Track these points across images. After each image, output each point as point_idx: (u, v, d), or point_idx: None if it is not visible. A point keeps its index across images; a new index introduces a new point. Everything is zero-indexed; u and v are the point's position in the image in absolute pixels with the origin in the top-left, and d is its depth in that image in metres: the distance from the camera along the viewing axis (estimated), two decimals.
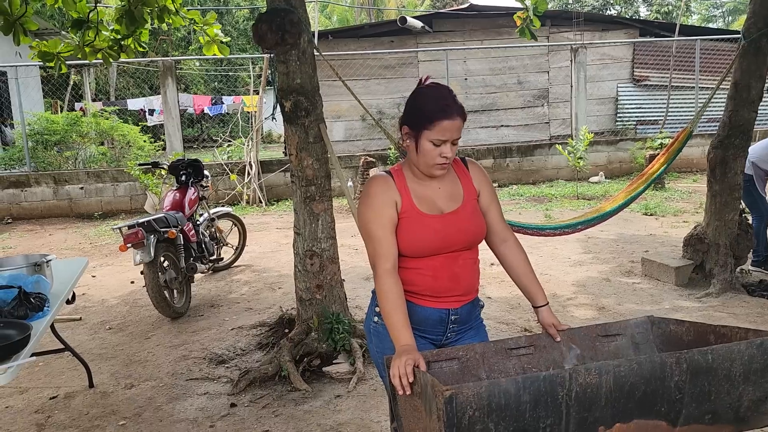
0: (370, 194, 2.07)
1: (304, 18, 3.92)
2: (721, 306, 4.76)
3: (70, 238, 8.64)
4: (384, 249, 2.02)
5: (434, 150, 1.98)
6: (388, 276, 1.99)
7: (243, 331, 4.68)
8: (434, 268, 2.06)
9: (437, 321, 2.11)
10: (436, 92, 2.01)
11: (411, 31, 12.36)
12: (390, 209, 2.04)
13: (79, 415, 3.50)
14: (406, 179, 2.10)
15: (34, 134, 10.67)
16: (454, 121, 1.96)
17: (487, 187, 2.19)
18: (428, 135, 1.97)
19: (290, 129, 3.97)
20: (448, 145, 1.99)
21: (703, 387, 1.65)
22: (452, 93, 2.02)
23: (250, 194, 10.61)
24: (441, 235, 2.04)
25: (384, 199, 2.05)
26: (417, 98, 2.04)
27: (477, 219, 2.12)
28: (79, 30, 4.84)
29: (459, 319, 2.14)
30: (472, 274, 2.14)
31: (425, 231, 2.04)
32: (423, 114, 1.98)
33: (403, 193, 2.07)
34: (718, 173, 5.16)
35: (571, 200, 9.75)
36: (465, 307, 2.14)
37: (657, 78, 13.25)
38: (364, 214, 2.07)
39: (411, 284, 2.08)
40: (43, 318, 2.73)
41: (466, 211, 2.10)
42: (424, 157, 2.01)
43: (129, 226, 4.83)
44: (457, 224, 2.07)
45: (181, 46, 23.47)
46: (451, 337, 2.16)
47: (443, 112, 1.95)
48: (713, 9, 34.41)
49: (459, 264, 2.09)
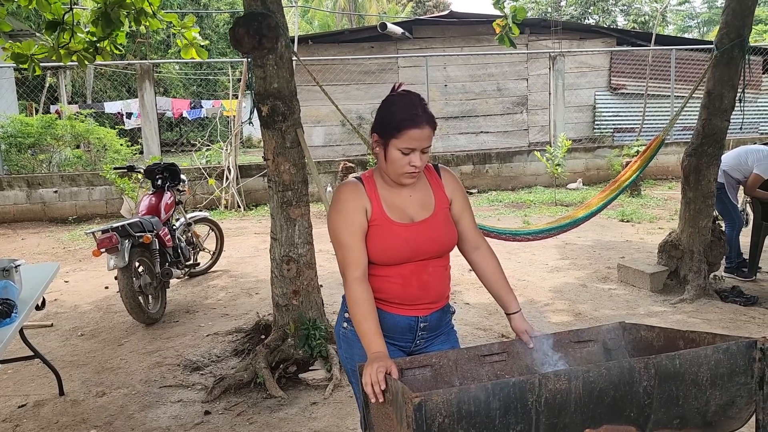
0: (341, 200, 2.05)
1: (282, 22, 3.91)
2: (694, 312, 4.82)
3: (43, 243, 8.50)
4: (353, 257, 2.00)
5: (403, 159, 1.97)
6: (358, 283, 1.98)
7: (219, 338, 4.63)
8: (403, 276, 2.05)
9: (406, 328, 2.10)
10: (406, 100, 1.98)
11: (391, 37, 12.40)
12: (360, 216, 2.02)
13: (49, 424, 3.43)
14: (376, 186, 2.08)
15: (8, 137, 10.50)
16: (422, 130, 1.93)
17: (459, 195, 2.17)
18: (396, 143, 1.95)
19: (267, 134, 3.95)
20: (417, 154, 1.97)
21: (671, 392, 1.67)
22: (422, 101, 2.00)
23: (228, 199, 10.54)
24: (411, 244, 2.03)
25: (354, 206, 2.03)
26: (387, 106, 2.01)
27: (448, 228, 2.10)
28: (54, 32, 4.77)
29: (428, 327, 2.13)
30: (442, 282, 2.13)
31: (395, 239, 2.02)
32: (391, 122, 1.96)
33: (373, 199, 2.05)
34: (692, 181, 5.24)
35: (549, 206, 9.82)
36: (434, 315, 2.13)
37: (634, 86, 13.45)
38: (334, 221, 2.05)
39: (380, 291, 2.06)
40: (11, 324, 2.67)
41: (438, 219, 2.08)
42: (393, 165, 1.99)
43: (103, 230, 4.77)
44: (428, 233, 2.05)
45: (161, 49, 23.29)
46: (420, 344, 2.15)
47: (411, 121, 1.93)
48: (689, 20, 34.99)
49: (429, 272, 2.07)
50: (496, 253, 2.25)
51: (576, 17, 28.10)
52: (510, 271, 6.05)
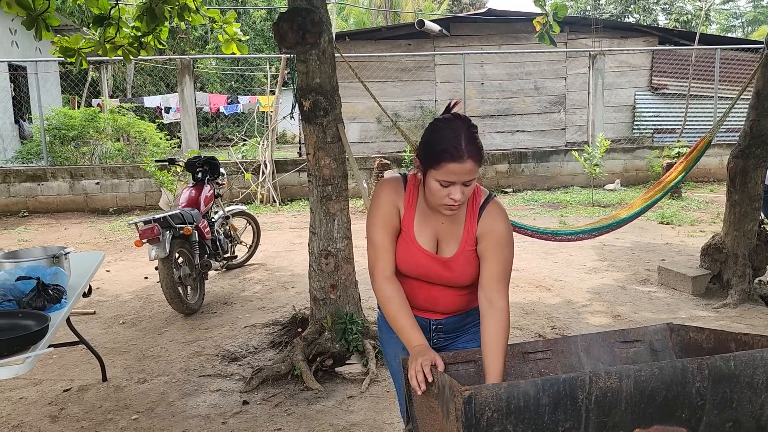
0: (379, 198, 2.01)
1: (325, 18, 3.93)
2: (738, 317, 4.70)
3: (85, 233, 8.70)
4: (383, 256, 1.99)
5: (441, 191, 1.83)
6: (387, 282, 1.97)
7: (256, 329, 4.68)
8: (411, 285, 2.04)
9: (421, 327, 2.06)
10: (451, 128, 1.81)
11: (428, 34, 12.35)
12: (394, 218, 1.99)
13: (93, 408, 3.52)
14: (417, 197, 2.00)
15: (52, 129, 10.78)
16: (462, 165, 1.77)
17: (493, 237, 1.95)
18: (434, 174, 1.82)
19: (308, 128, 3.97)
20: (458, 187, 1.81)
21: (725, 394, 1.63)
22: (470, 129, 1.81)
23: (264, 193, 10.65)
24: (422, 270, 2.00)
25: (389, 207, 1.99)
26: (431, 131, 1.86)
27: (467, 270, 1.99)
28: (101, 26, 4.88)
29: (444, 329, 2.12)
30: (454, 301, 2.07)
31: (410, 259, 1.99)
32: (431, 151, 1.81)
33: (408, 208, 1.99)
34: (737, 183, 5.11)
35: (586, 207, 9.69)
36: (450, 319, 2.11)
37: (675, 86, 13.16)
38: (370, 218, 2.03)
39: None
40: (61, 310, 2.74)
41: (459, 261, 1.98)
42: (432, 195, 1.87)
43: (145, 221, 4.86)
44: (443, 272, 1.99)
45: (199, 45, 23.63)
46: (438, 342, 2.14)
47: (450, 154, 1.77)
48: (732, 19, 34.10)
49: (438, 289, 2.04)
50: (532, 253, 2.20)
51: (616, 15, 27.62)
52: (547, 272, 5.99)
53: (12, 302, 2.62)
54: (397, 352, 2.10)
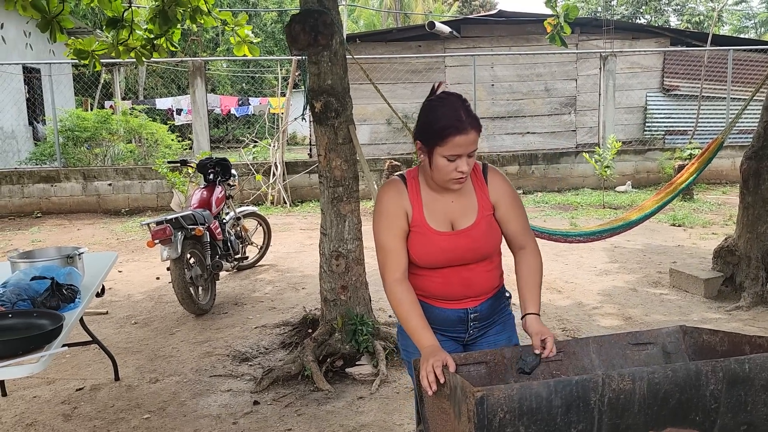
0: (382, 202, 2.05)
1: (337, 19, 3.94)
2: (751, 320, 4.66)
3: (97, 233, 8.77)
4: (393, 260, 2.01)
5: (449, 165, 1.90)
6: (397, 285, 1.99)
7: (266, 330, 4.70)
8: (444, 275, 2.05)
9: (457, 321, 2.11)
10: (448, 104, 1.89)
11: (438, 36, 12.35)
12: (400, 219, 2.01)
13: (105, 407, 3.55)
14: (420, 188, 2.04)
15: (66, 131, 10.88)
16: (467, 136, 1.86)
17: (506, 199, 2.07)
18: (441, 151, 1.88)
19: (320, 129, 3.99)
20: (464, 159, 1.89)
21: (739, 397, 1.62)
22: (465, 103, 1.91)
23: (274, 195, 10.69)
24: (449, 254, 2.01)
25: (395, 210, 2.02)
26: (427, 112, 1.93)
27: (490, 236, 2.04)
28: (114, 29, 4.92)
29: (480, 316, 2.12)
30: (487, 278, 2.10)
31: (432, 247, 2.01)
32: (434, 130, 1.89)
33: (414, 203, 2.02)
34: (751, 185, 5.07)
35: (597, 209, 9.64)
36: (484, 304, 2.12)
37: (687, 88, 13.07)
38: (375, 222, 2.06)
39: (423, 290, 2.08)
40: (75, 309, 2.76)
41: (479, 229, 2.02)
42: (439, 172, 1.93)
43: (157, 222, 4.89)
44: (467, 243, 2.01)
45: (210, 47, 23.76)
46: (474, 333, 2.15)
47: (454, 128, 1.85)
48: (745, 20, 33.85)
49: (471, 271, 2.06)
50: (542, 255, 2.18)
51: (627, 17, 27.50)
52: (557, 273, 5.97)
53: (27, 302, 2.64)
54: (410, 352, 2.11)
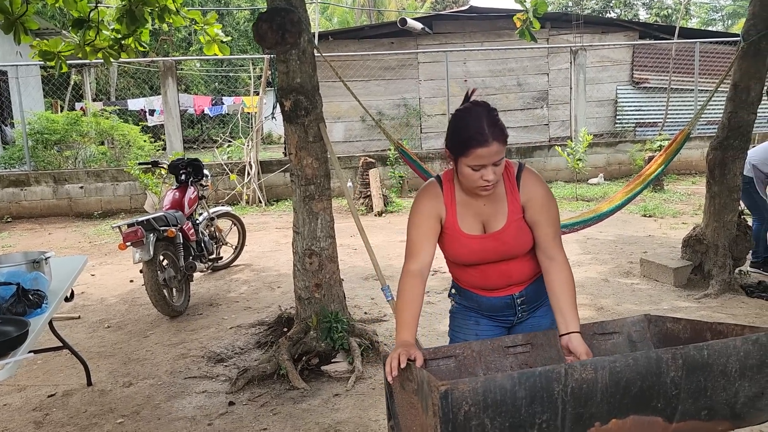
0: (420, 201, 2.10)
1: (305, 18, 3.93)
2: (719, 307, 4.76)
3: (69, 237, 8.64)
4: (413, 250, 2.07)
5: (474, 174, 1.93)
6: (409, 276, 2.04)
7: (242, 330, 4.68)
8: (481, 269, 2.13)
9: (505, 306, 2.19)
10: (473, 115, 1.92)
11: (411, 32, 12.37)
12: (433, 220, 2.08)
13: (77, 413, 3.50)
14: (454, 190, 2.09)
15: (35, 133, 10.67)
16: (489, 148, 1.87)
17: (537, 202, 2.06)
18: (465, 161, 1.93)
19: (290, 128, 3.98)
20: (489, 168, 1.92)
21: (699, 383, 1.66)
22: (491, 113, 1.91)
23: (249, 194, 10.62)
24: (480, 255, 2.09)
25: (429, 211, 2.08)
26: (455, 121, 1.97)
27: (520, 239, 2.07)
28: (80, 29, 4.84)
29: (527, 300, 2.19)
30: (527, 267, 2.14)
31: (464, 249, 2.08)
32: (457, 141, 1.93)
33: (449, 207, 2.08)
34: (717, 175, 5.17)
35: (570, 201, 9.76)
36: (530, 288, 2.18)
37: (656, 80, 13.27)
38: (409, 219, 2.12)
39: (467, 282, 2.19)
40: (42, 315, 2.73)
41: (509, 232, 2.06)
42: (466, 180, 1.98)
43: (128, 224, 4.84)
44: (497, 246, 2.07)
45: (182, 47, 23.48)
46: (523, 317, 2.22)
47: (476, 140, 1.88)
48: (712, 12, 34.41)
49: (507, 264, 2.11)
50: None
51: (597, 11, 27.77)
52: None
53: None
54: (454, 330, 2.32)
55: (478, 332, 2.23)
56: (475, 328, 2.24)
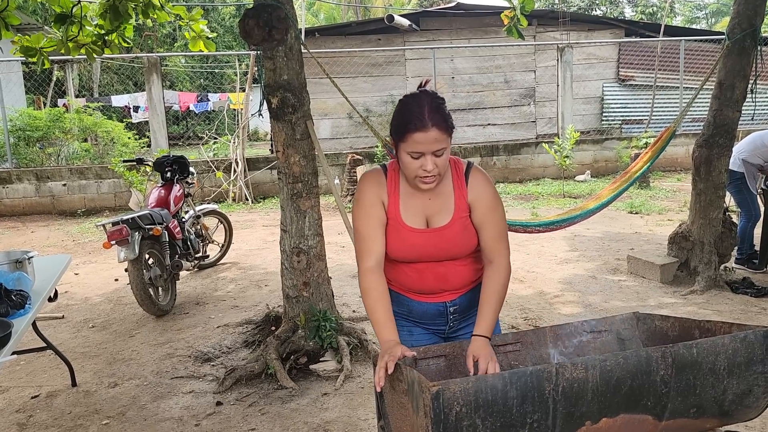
0: (362, 190, 2.04)
1: (291, 14, 3.90)
2: (705, 303, 4.80)
3: (52, 236, 8.54)
4: (367, 246, 1.99)
5: (413, 163, 1.87)
6: (369, 273, 1.97)
7: (229, 329, 4.64)
8: (418, 270, 2.05)
9: (436, 314, 2.11)
10: (416, 101, 1.87)
11: (398, 29, 12.35)
12: (378, 209, 2.00)
13: (62, 415, 3.46)
14: (399, 181, 2.02)
15: (16, 130, 10.53)
16: (427, 134, 1.81)
17: (484, 203, 2.01)
18: (404, 147, 1.87)
19: (277, 126, 3.94)
20: (429, 157, 1.85)
21: (688, 381, 1.66)
22: (435, 101, 1.86)
23: (236, 191, 10.56)
24: (420, 250, 2.01)
25: (372, 199, 2.00)
26: (398, 107, 1.93)
27: (464, 237, 2.01)
28: (63, 25, 4.77)
29: (459, 309, 2.12)
30: (463, 273, 2.08)
31: (404, 243, 2.00)
32: (398, 125, 1.88)
33: (391, 195, 2.01)
34: (702, 172, 5.21)
35: (557, 198, 9.80)
36: (463, 297, 2.11)
37: (642, 78, 13.36)
38: (354, 211, 2.05)
39: (401, 283, 2.09)
40: (25, 315, 2.68)
41: (453, 229, 2.00)
42: (406, 169, 1.91)
43: (113, 222, 4.78)
44: (440, 243, 2.00)
45: (167, 42, 23.29)
46: (454, 326, 2.15)
47: (413, 124, 1.82)
48: (697, 11, 34.67)
49: (444, 266, 2.05)
50: None
51: (583, 9, 27.88)
52: (519, 263, 6.04)
53: None
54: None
55: (413, 342, 2.10)
56: (410, 338, 2.12)
